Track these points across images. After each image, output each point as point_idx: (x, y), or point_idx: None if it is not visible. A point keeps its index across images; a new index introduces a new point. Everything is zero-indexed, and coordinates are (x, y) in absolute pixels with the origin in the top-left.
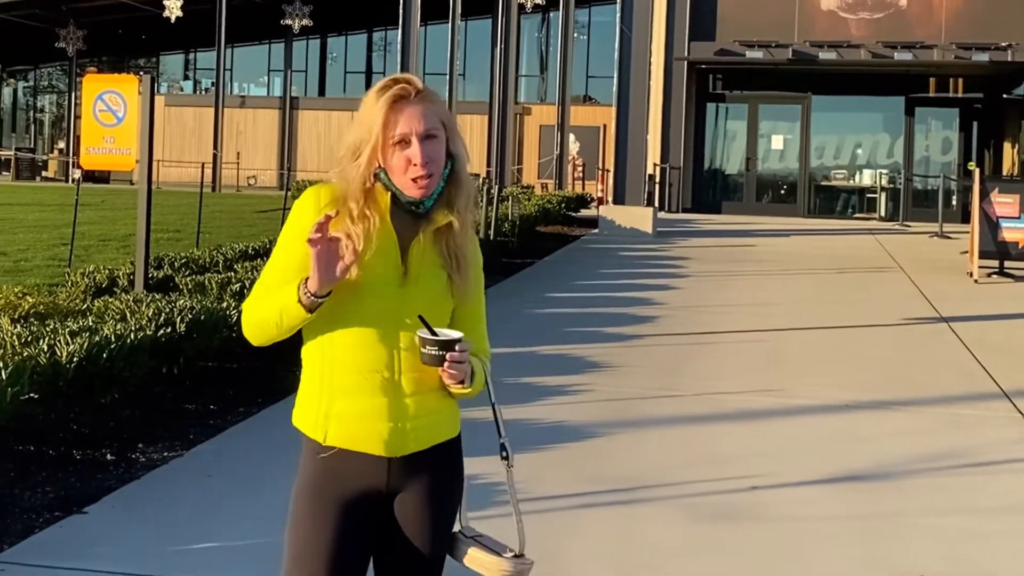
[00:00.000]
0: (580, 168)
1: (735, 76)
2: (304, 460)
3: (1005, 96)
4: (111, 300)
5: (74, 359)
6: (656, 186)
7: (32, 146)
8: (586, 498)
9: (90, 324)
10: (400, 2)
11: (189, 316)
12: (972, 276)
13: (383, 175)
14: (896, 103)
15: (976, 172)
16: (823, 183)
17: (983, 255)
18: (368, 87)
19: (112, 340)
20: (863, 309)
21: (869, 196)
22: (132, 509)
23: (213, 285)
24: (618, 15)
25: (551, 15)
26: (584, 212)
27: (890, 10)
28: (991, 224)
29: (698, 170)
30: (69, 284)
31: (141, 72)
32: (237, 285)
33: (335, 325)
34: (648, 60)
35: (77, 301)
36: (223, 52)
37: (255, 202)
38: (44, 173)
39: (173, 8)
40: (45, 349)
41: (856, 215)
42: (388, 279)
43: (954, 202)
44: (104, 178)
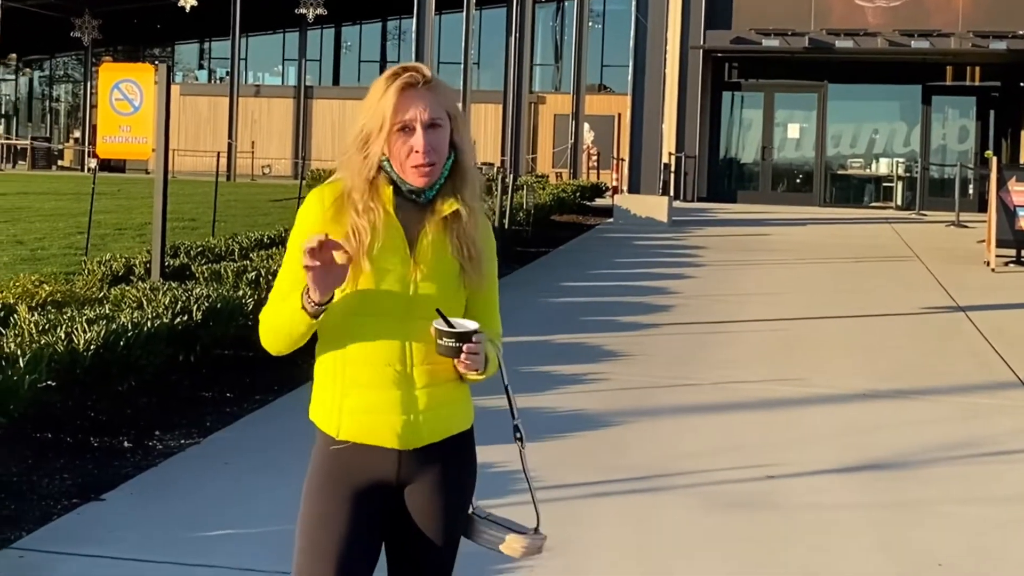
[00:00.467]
0: (595, 157)
1: (751, 64)
2: (316, 452)
3: (1022, 84)
4: (128, 288)
5: (91, 347)
6: (671, 175)
7: (48, 135)
8: (602, 486)
9: (107, 312)
10: None
11: (205, 304)
12: (989, 265)
13: (386, 163)
14: (913, 91)
15: (993, 160)
16: (839, 172)
17: (1000, 244)
18: None
19: (129, 328)
20: (880, 298)
21: (886, 185)
22: (149, 496)
23: (229, 273)
24: (633, 3)
25: (566, 4)
26: (599, 201)
27: None
28: (1008, 213)
29: (713, 159)
30: (86, 272)
31: (156, 61)
32: (253, 274)
33: (347, 320)
34: (664, 49)
35: (94, 289)
36: (238, 41)
37: (270, 191)
38: (60, 162)
39: None
40: (62, 337)
41: (872, 204)
42: (398, 272)
43: (971, 191)
44: (120, 167)
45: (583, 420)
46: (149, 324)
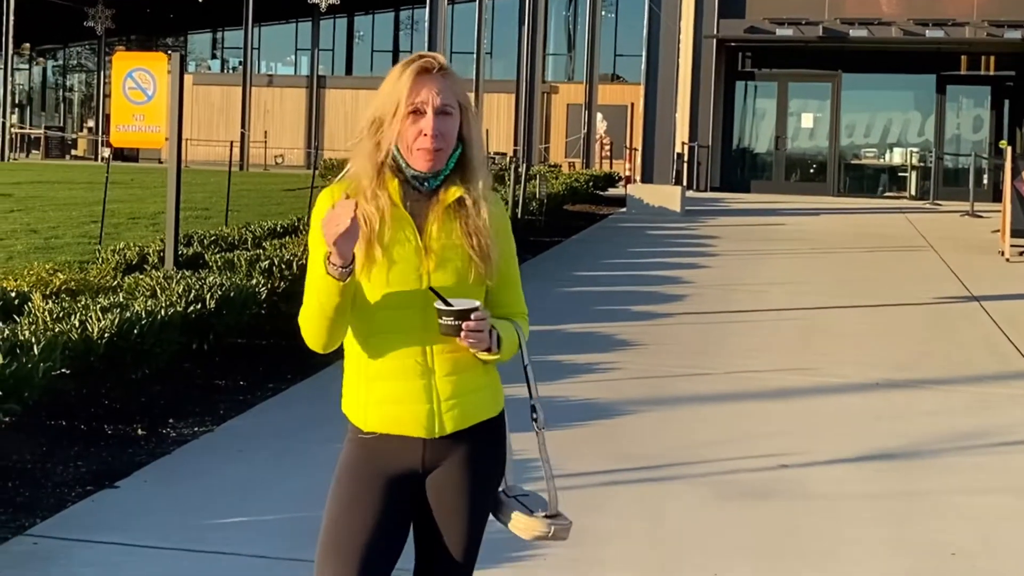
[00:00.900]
0: (608, 147)
1: (764, 54)
2: (347, 440)
3: None
4: (141, 277)
5: (105, 335)
6: (684, 165)
7: (62, 125)
8: (615, 475)
9: (121, 300)
10: None
11: (219, 293)
12: (1004, 255)
13: (395, 148)
14: (927, 81)
15: (1008, 150)
16: (853, 162)
17: (1015, 234)
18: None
19: (143, 316)
20: (894, 288)
21: (899, 175)
22: (163, 484)
23: (242, 262)
24: None
25: None
26: (612, 191)
27: None
28: (1023, 202)
29: (727, 149)
30: (100, 261)
31: (169, 51)
32: (266, 262)
33: (366, 313)
34: (677, 38)
35: (108, 278)
36: (250, 31)
37: (282, 181)
38: (73, 152)
39: None
40: (76, 325)
41: (886, 194)
42: (411, 263)
43: (985, 180)
44: (133, 156)
45: (596, 409)
46: (163, 312)
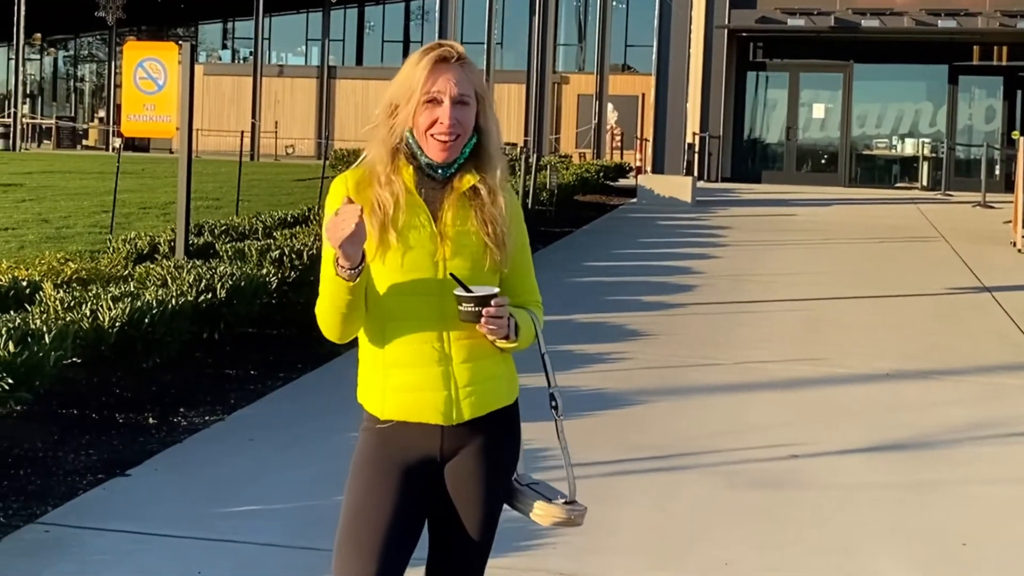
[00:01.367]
0: (618, 137)
1: (776, 44)
2: (363, 430)
3: None
4: (152, 266)
5: (116, 324)
6: (695, 155)
7: (73, 115)
8: (626, 465)
9: (132, 290)
10: None
11: (229, 282)
12: (1015, 246)
13: (409, 135)
14: (939, 71)
15: (1021, 141)
16: (865, 152)
17: None
18: (406, 56)
19: (154, 305)
20: (905, 278)
21: (911, 165)
22: (174, 472)
23: (253, 252)
24: None
25: None
26: (622, 181)
27: None
28: None
29: (738, 139)
30: (111, 250)
31: (180, 41)
32: (276, 252)
33: (382, 301)
34: (688, 28)
35: (119, 267)
36: (261, 21)
37: (293, 171)
38: (85, 142)
39: None
40: (88, 314)
41: (898, 184)
42: (427, 249)
43: (997, 171)
44: (144, 147)
45: (606, 399)
46: (173, 302)
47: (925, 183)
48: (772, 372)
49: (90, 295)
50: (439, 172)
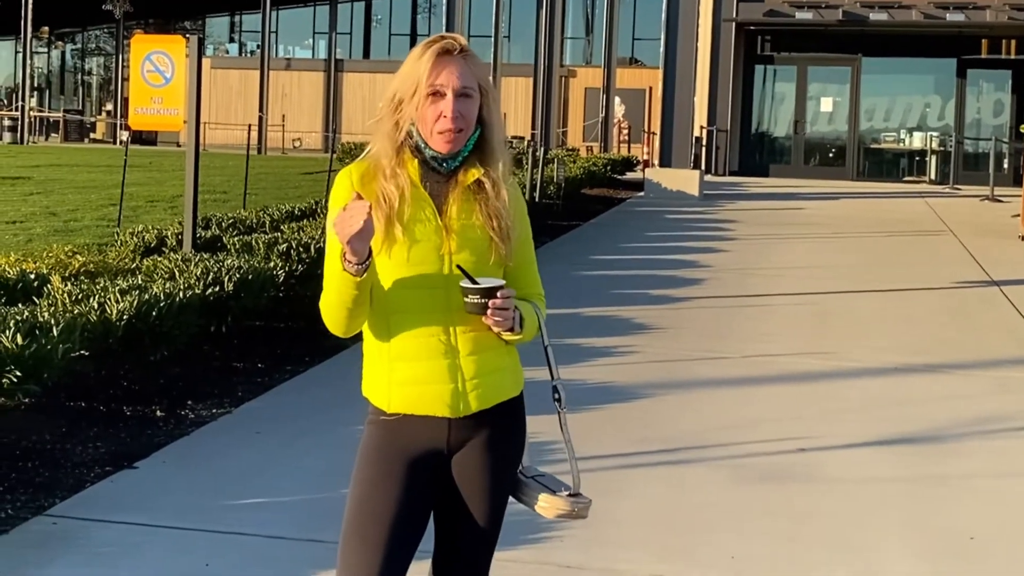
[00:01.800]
0: (625, 131)
1: (784, 38)
2: (368, 423)
3: None
4: (160, 259)
5: (124, 317)
6: (703, 149)
7: (80, 108)
8: (633, 458)
9: (139, 283)
10: None
11: (237, 275)
12: None
13: (414, 129)
14: (948, 65)
15: None
16: (872, 146)
17: None
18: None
19: (161, 298)
20: (913, 272)
21: (919, 159)
22: (181, 465)
23: (260, 245)
24: None
25: None
26: (629, 175)
27: None
28: None
29: (745, 133)
30: (118, 243)
31: (187, 34)
32: (284, 245)
33: (388, 294)
34: (696, 22)
35: (126, 260)
36: (268, 15)
37: (300, 164)
38: (92, 135)
39: None
40: (95, 307)
41: (906, 178)
42: (432, 243)
43: (1006, 165)
44: (151, 140)
45: (613, 392)
46: (181, 295)
47: (933, 177)
48: (780, 366)
49: (98, 288)
50: (444, 165)
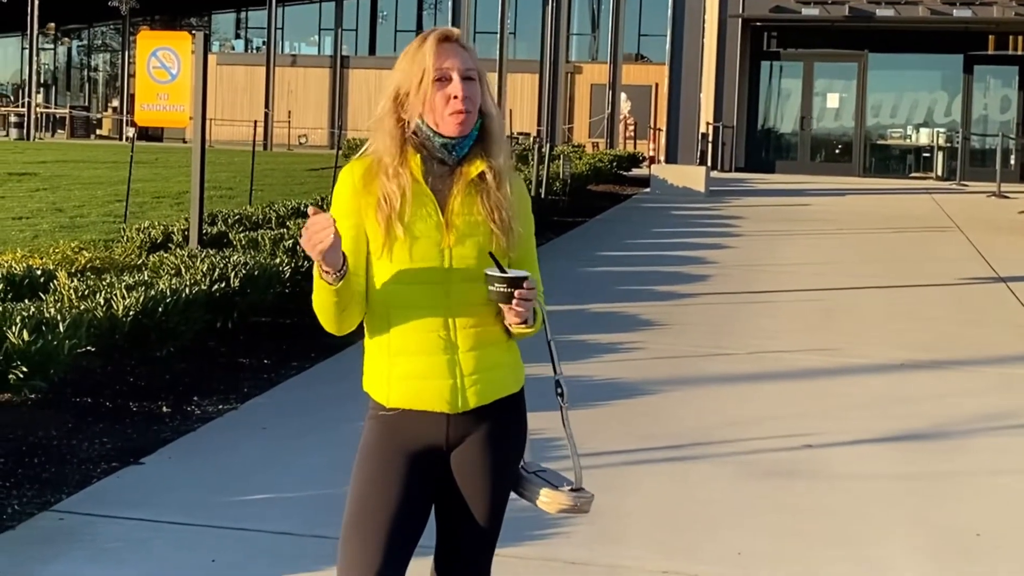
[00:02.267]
0: (631, 127)
1: (790, 33)
2: (368, 418)
3: None
4: (166, 255)
5: (130, 313)
6: (709, 145)
7: (86, 104)
8: (639, 454)
9: (145, 279)
10: None
11: (243, 272)
12: None
13: (420, 121)
14: (954, 61)
15: None
16: (879, 142)
17: None
18: None
19: (167, 294)
20: (919, 269)
21: (926, 155)
22: (187, 460)
23: (266, 241)
24: None
25: None
26: (635, 171)
27: None
28: None
29: (751, 129)
30: (124, 239)
31: (193, 31)
32: (290, 241)
33: (389, 289)
34: (702, 17)
35: (132, 256)
36: (274, 11)
37: (306, 160)
38: (98, 131)
39: None
40: (101, 303)
41: (912, 174)
42: (433, 238)
43: (1012, 161)
44: (157, 136)
45: (619, 388)
46: (187, 291)
47: (940, 173)
48: (785, 362)
49: (104, 284)
50: (453, 153)
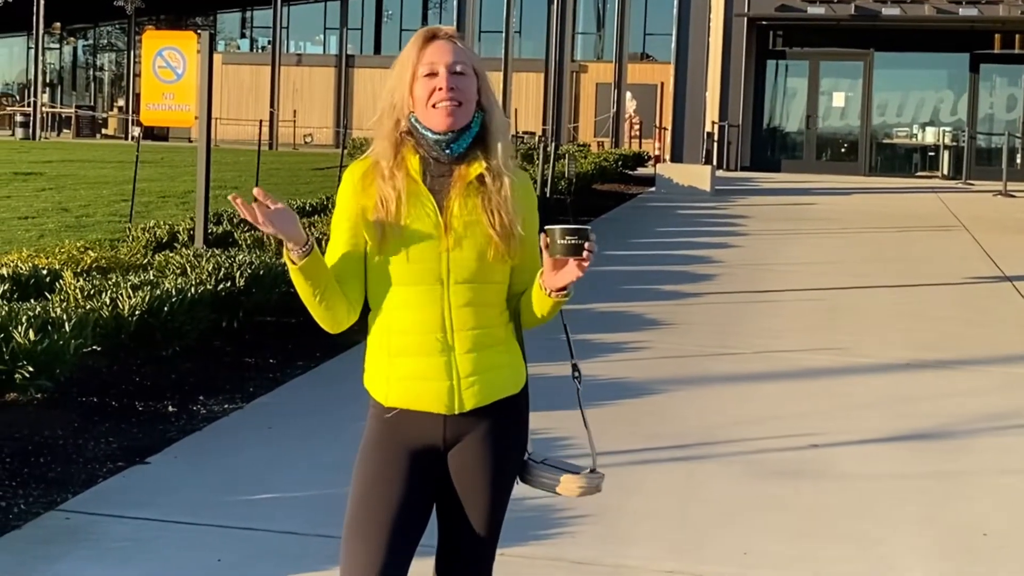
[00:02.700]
0: (637, 126)
1: (796, 32)
2: (369, 418)
3: None
4: (171, 255)
5: (136, 312)
6: (714, 144)
7: (92, 104)
8: (645, 454)
9: (151, 278)
10: None
11: (248, 271)
12: None
13: (413, 119)
14: (960, 60)
15: None
16: (885, 141)
17: None
18: None
19: (173, 294)
20: (925, 268)
21: (931, 154)
22: (193, 460)
23: (271, 241)
24: None
25: None
26: (641, 170)
27: None
28: None
29: (757, 128)
30: (130, 239)
31: (199, 30)
32: None
33: (388, 289)
34: (707, 16)
35: (138, 256)
36: (279, 10)
37: (312, 159)
38: (104, 131)
39: None
40: (107, 302)
41: (918, 173)
42: (431, 240)
43: (1019, 160)
44: (163, 135)
45: (624, 388)
46: (193, 290)
47: (946, 172)
48: (791, 361)
49: (110, 284)
50: (448, 150)
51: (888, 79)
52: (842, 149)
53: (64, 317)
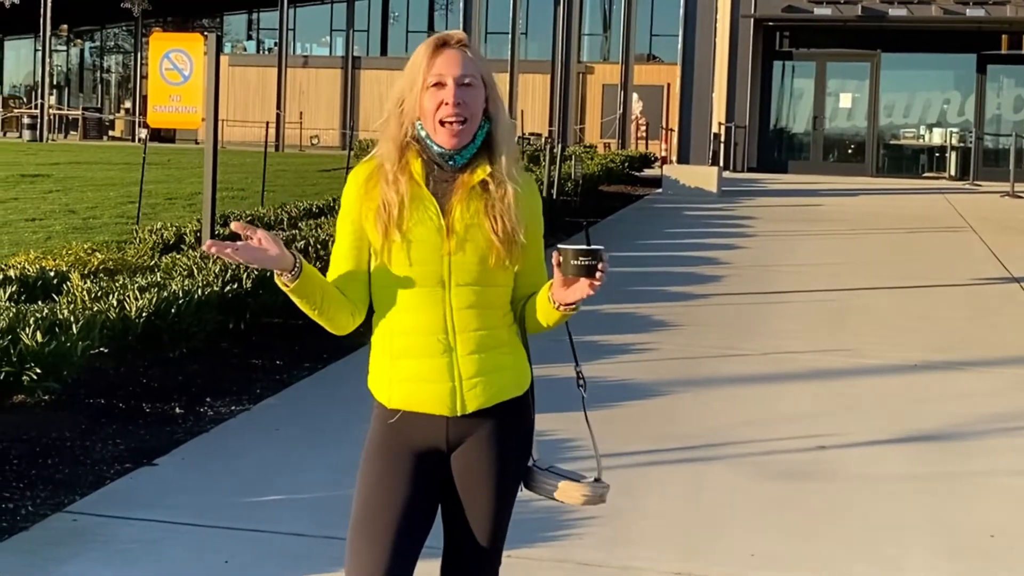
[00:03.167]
0: (643, 127)
1: (802, 33)
2: (373, 420)
3: None
4: (178, 256)
5: (143, 314)
6: (721, 145)
7: (99, 106)
8: (652, 456)
9: (158, 280)
10: None
11: (255, 273)
12: None
13: (419, 126)
14: (967, 60)
15: None
16: (892, 142)
17: None
18: None
19: (180, 296)
20: (933, 269)
21: (939, 155)
22: (200, 462)
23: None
24: None
25: None
26: (647, 172)
27: None
28: None
29: (764, 129)
30: (137, 241)
31: (205, 32)
32: (302, 243)
33: (391, 291)
34: (714, 17)
35: (145, 257)
36: (286, 12)
37: (318, 161)
38: (111, 132)
39: None
40: (115, 304)
41: (925, 174)
42: (433, 243)
43: None
44: (170, 137)
45: (632, 389)
46: (200, 292)
47: (953, 173)
48: (799, 363)
49: (117, 285)
50: (451, 162)
51: (895, 80)
52: (849, 150)
53: (71, 319)
